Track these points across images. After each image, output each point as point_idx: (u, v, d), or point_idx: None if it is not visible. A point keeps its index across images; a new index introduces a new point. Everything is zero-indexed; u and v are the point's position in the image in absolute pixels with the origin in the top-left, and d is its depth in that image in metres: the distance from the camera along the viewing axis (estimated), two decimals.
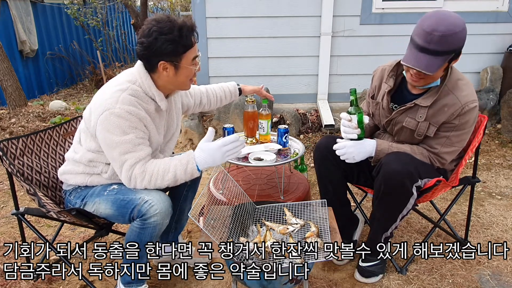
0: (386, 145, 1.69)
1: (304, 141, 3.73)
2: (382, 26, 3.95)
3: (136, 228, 1.49)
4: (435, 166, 1.71)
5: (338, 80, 4.17)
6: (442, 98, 1.60)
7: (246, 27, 3.92)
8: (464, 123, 1.60)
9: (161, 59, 1.44)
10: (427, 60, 1.47)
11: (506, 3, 3.91)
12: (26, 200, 2.62)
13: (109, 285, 1.82)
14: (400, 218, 1.68)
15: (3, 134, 3.92)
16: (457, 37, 1.45)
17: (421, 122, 1.65)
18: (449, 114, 1.59)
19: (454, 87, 1.60)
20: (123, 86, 1.47)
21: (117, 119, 1.41)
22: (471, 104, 1.57)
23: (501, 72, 4.08)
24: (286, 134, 2.08)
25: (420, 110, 1.64)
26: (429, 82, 1.59)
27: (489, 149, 3.51)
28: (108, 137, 1.42)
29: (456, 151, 1.69)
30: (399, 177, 1.57)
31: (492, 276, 1.86)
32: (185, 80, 1.53)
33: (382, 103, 1.78)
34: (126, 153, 1.44)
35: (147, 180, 1.46)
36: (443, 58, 1.47)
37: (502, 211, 2.46)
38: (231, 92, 2.03)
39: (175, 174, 1.47)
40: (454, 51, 1.48)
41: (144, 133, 1.49)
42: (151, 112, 1.52)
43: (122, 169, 1.46)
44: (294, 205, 1.71)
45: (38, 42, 6.03)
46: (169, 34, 1.39)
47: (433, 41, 1.44)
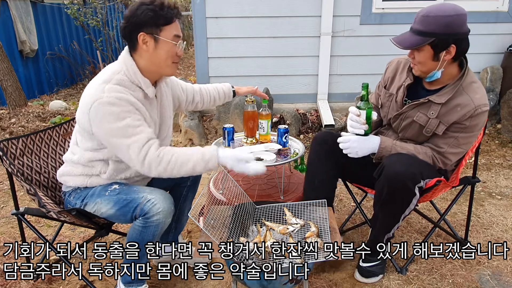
0: (389, 143, 1.69)
1: (304, 141, 3.73)
2: (382, 26, 3.95)
3: (138, 227, 1.49)
4: (437, 166, 1.71)
5: (338, 80, 4.16)
6: (456, 97, 1.61)
7: (246, 27, 3.92)
8: (474, 125, 1.61)
9: (141, 31, 1.43)
10: (404, 37, 1.58)
11: (506, 3, 3.91)
12: (26, 200, 2.62)
13: (109, 285, 1.82)
14: (402, 218, 1.68)
15: (3, 134, 3.92)
16: (436, 20, 1.50)
17: (432, 118, 1.65)
18: (461, 115, 1.60)
19: (468, 88, 1.61)
20: (107, 77, 1.45)
21: (108, 107, 1.38)
22: (484, 108, 1.58)
23: (501, 72, 4.08)
24: (286, 134, 2.08)
25: (433, 107, 1.65)
26: (423, 69, 1.61)
27: (489, 149, 3.51)
28: (105, 126, 1.40)
29: (462, 153, 1.69)
30: (402, 178, 1.56)
31: (492, 276, 1.86)
32: (165, 57, 1.48)
33: (396, 96, 1.78)
34: (128, 137, 1.40)
35: (163, 167, 1.42)
36: (421, 38, 1.53)
37: (502, 211, 2.46)
38: (225, 93, 2.01)
39: (194, 167, 1.45)
40: (433, 34, 1.51)
41: (140, 115, 1.46)
42: (139, 99, 1.50)
43: (130, 154, 1.41)
44: (294, 205, 1.71)
45: (38, 42, 6.03)
46: (150, 4, 1.41)
47: (416, 21, 1.56)
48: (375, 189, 1.69)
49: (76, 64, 7.04)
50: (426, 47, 1.54)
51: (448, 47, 1.53)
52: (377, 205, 1.73)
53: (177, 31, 1.48)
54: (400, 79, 1.79)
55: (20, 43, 5.66)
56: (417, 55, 1.59)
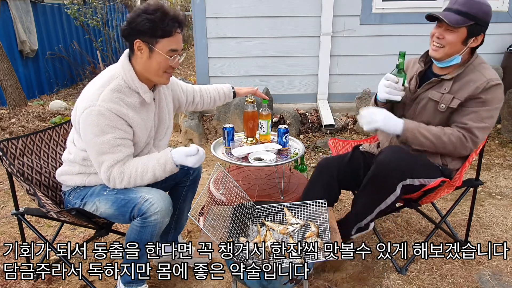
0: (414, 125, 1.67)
1: (304, 141, 3.73)
2: (382, 26, 3.95)
3: (136, 227, 1.49)
4: (467, 149, 1.65)
5: (338, 80, 4.16)
6: (467, 74, 1.64)
7: (246, 27, 3.92)
8: (490, 99, 1.61)
9: (137, 37, 1.44)
10: (448, 14, 1.57)
11: (506, 3, 3.92)
12: (26, 200, 2.62)
13: (109, 285, 1.82)
14: (377, 211, 1.69)
15: (3, 134, 3.92)
16: (480, 5, 1.55)
17: (445, 93, 1.67)
18: (474, 88, 1.61)
19: (478, 67, 1.65)
20: (105, 81, 1.47)
21: (97, 117, 1.41)
22: (496, 81, 1.60)
23: (501, 72, 4.07)
24: (286, 134, 2.07)
25: (445, 83, 1.68)
26: (449, 51, 1.62)
27: (489, 149, 3.51)
28: (88, 135, 1.44)
29: (487, 128, 1.64)
30: (388, 170, 1.59)
31: (492, 276, 1.86)
32: (157, 68, 1.49)
33: (410, 85, 1.80)
34: (104, 153, 1.45)
35: (126, 181, 1.49)
36: (463, 19, 1.54)
37: (502, 211, 2.46)
38: (225, 93, 2.02)
39: (154, 173, 1.51)
40: (475, 17, 1.54)
41: (126, 132, 1.48)
42: (135, 106, 1.51)
43: (100, 169, 1.49)
44: (294, 205, 1.71)
45: (38, 42, 6.03)
46: (152, 14, 1.41)
47: (458, 2, 1.57)
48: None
49: (76, 64, 7.04)
50: (462, 29, 1.56)
51: (479, 34, 1.58)
52: (360, 190, 1.75)
53: (175, 45, 1.47)
54: (412, 71, 1.83)
55: (20, 43, 5.65)
56: (449, 35, 1.59)
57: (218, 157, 2.01)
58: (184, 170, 1.81)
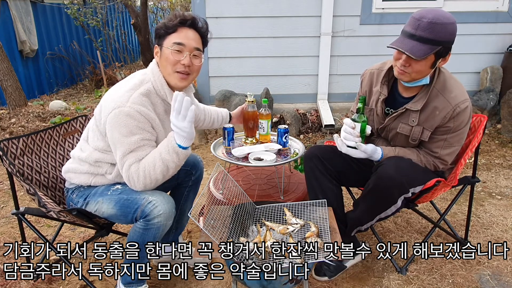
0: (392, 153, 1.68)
1: (304, 141, 3.73)
2: (382, 26, 3.95)
3: (139, 229, 1.49)
4: (439, 169, 1.72)
5: (338, 80, 4.17)
6: (432, 101, 1.59)
7: (246, 27, 3.93)
8: (458, 124, 1.60)
9: (156, 43, 1.55)
10: (413, 45, 1.45)
11: (506, 3, 3.92)
12: (26, 200, 2.62)
13: (109, 285, 1.82)
14: (377, 219, 1.70)
15: (3, 134, 3.92)
16: (445, 27, 1.43)
17: (414, 126, 1.64)
18: (441, 118, 1.58)
19: (442, 89, 1.58)
20: (135, 84, 1.50)
21: (126, 118, 1.42)
22: (462, 105, 1.56)
23: (501, 72, 4.08)
24: (286, 134, 2.08)
25: (412, 115, 1.64)
26: (416, 77, 1.55)
27: (489, 149, 3.51)
28: (115, 135, 1.44)
29: (456, 150, 1.69)
30: (389, 184, 1.56)
31: (492, 276, 1.86)
32: (165, 64, 1.51)
33: (376, 109, 1.77)
34: (129, 153, 1.45)
35: (142, 176, 1.46)
36: (430, 47, 1.44)
37: (502, 211, 2.46)
38: (223, 117, 2.11)
39: (161, 159, 1.45)
40: (441, 42, 1.44)
41: (152, 134, 1.50)
42: (160, 113, 1.54)
43: (123, 169, 1.47)
44: (294, 205, 1.71)
45: (38, 42, 6.03)
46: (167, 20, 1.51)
47: (420, 27, 1.43)
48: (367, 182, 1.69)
49: (76, 64, 7.04)
50: (430, 56, 1.46)
51: (447, 54, 1.51)
52: (361, 196, 1.75)
53: (178, 38, 1.49)
54: (376, 92, 1.76)
55: (20, 43, 5.66)
56: (416, 63, 1.48)
57: (218, 157, 2.02)
58: (186, 170, 1.82)
